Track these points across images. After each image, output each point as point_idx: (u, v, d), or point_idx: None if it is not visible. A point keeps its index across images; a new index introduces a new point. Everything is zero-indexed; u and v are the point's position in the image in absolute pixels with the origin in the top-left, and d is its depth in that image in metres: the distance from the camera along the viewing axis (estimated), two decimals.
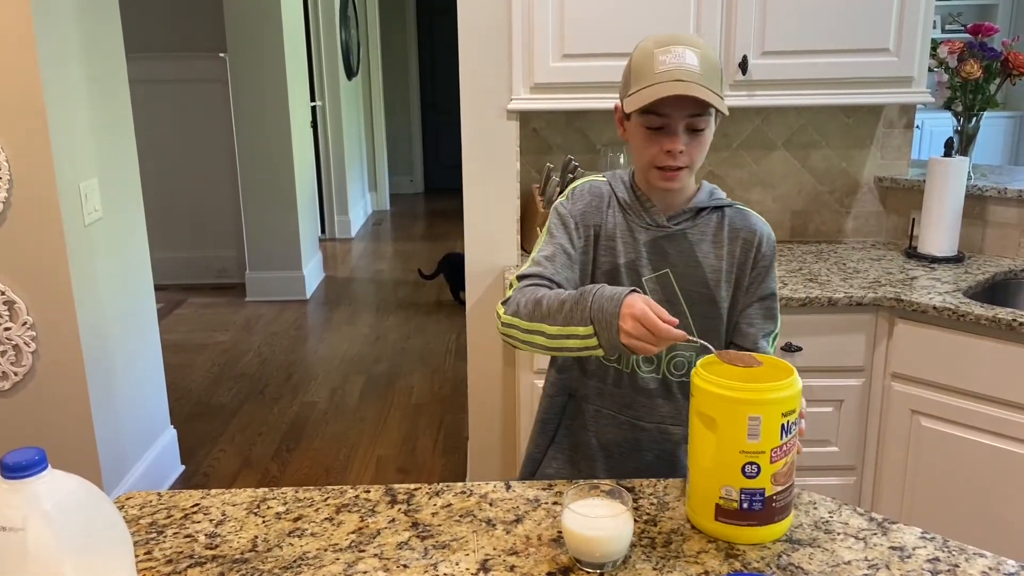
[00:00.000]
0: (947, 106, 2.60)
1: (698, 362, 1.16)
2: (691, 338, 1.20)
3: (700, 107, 1.30)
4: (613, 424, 1.47)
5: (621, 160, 2.64)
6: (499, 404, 2.63)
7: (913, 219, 2.62)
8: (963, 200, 2.48)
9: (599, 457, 1.50)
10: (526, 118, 2.66)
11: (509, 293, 1.39)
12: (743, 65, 2.34)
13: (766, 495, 1.09)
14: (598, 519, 1.07)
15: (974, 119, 2.57)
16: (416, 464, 3.29)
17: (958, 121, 2.59)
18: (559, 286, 1.38)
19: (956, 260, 2.50)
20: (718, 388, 1.09)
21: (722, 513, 1.11)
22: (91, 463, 2.61)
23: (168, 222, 5.45)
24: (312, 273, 5.59)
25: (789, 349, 2.23)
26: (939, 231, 2.50)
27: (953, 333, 2.11)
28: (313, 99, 6.48)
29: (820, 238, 2.80)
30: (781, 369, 1.14)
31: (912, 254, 2.56)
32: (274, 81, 5.04)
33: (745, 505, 1.09)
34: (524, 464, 1.60)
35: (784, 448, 1.09)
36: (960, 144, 2.58)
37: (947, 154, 2.47)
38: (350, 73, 7.19)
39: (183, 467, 3.26)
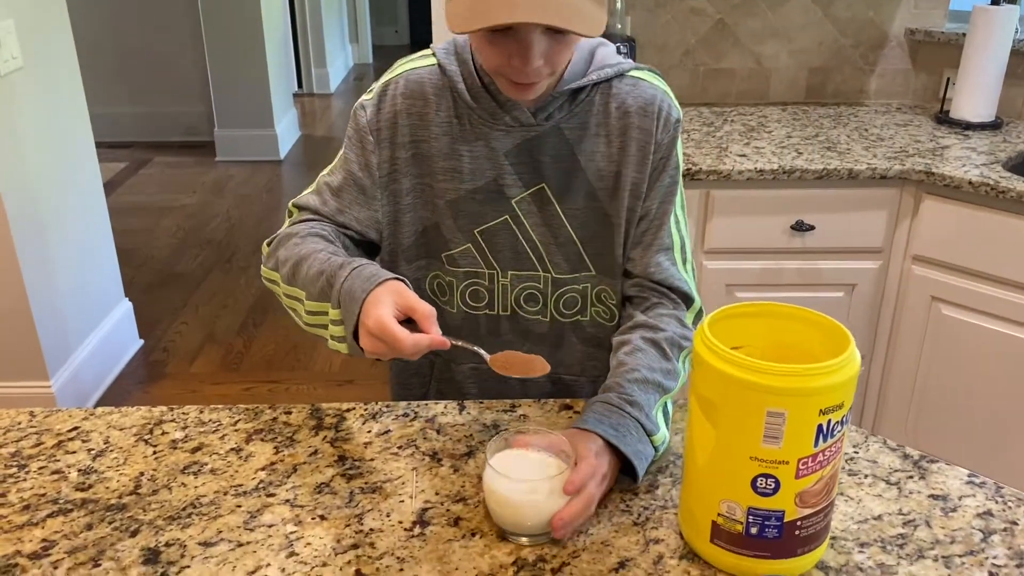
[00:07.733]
0: None
1: (712, 314, 0.81)
2: (456, 342, 0.88)
3: None
4: (497, 380, 1.00)
5: None
6: None
7: (948, 79, 2.31)
8: (1008, 57, 2.16)
9: None
10: None
11: (281, 230, 1.06)
12: None
13: (785, 520, 0.77)
14: (525, 482, 0.81)
15: None
16: None
17: None
18: (344, 228, 1.05)
19: (993, 127, 2.20)
20: (724, 362, 0.74)
21: (720, 535, 0.79)
22: (30, 342, 2.39)
23: (128, 74, 5.04)
24: (286, 131, 5.23)
25: (800, 228, 1.97)
26: (977, 93, 2.19)
27: (987, 211, 1.85)
28: None
29: (839, 99, 2.48)
30: (832, 335, 0.79)
31: (943, 119, 2.26)
32: None
33: (753, 530, 0.78)
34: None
35: (819, 459, 0.75)
36: None
37: (994, 2, 2.13)
38: None
39: (142, 342, 3.05)
